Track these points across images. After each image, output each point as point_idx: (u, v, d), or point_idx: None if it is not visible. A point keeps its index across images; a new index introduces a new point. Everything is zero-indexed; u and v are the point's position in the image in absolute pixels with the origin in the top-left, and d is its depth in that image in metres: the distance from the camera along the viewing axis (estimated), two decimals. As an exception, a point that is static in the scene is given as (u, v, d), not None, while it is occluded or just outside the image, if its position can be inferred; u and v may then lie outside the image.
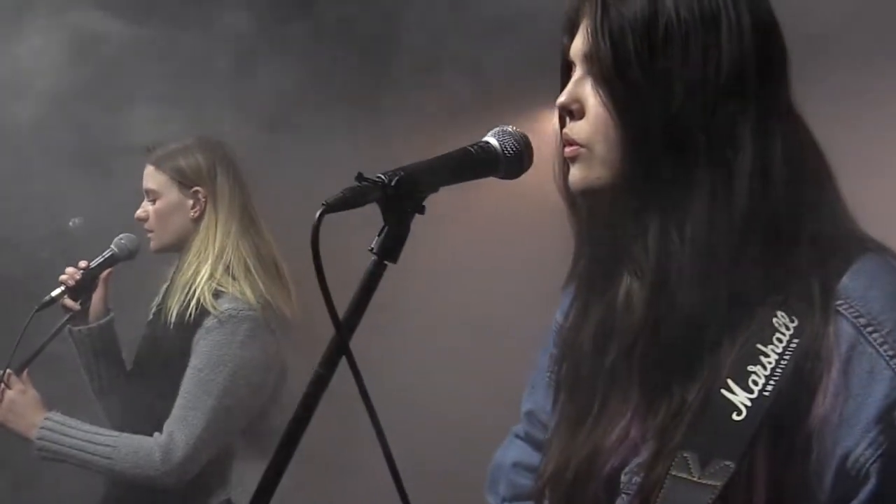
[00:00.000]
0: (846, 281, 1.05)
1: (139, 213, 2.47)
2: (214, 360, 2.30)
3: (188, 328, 2.34)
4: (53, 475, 2.50)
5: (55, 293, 2.45)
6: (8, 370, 2.37)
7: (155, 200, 2.45)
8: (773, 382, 1.03)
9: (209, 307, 2.32)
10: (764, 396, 1.03)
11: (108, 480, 2.41)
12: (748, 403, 1.03)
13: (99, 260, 2.49)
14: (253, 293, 2.36)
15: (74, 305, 2.47)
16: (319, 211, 0.98)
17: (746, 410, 1.03)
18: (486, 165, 1.12)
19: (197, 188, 2.43)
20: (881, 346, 1.02)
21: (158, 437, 2.29)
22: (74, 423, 2.34)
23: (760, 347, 1.05)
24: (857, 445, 1.01)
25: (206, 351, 2.31)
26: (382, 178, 1.03)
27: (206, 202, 2.43)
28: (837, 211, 1.12)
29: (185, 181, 2.43)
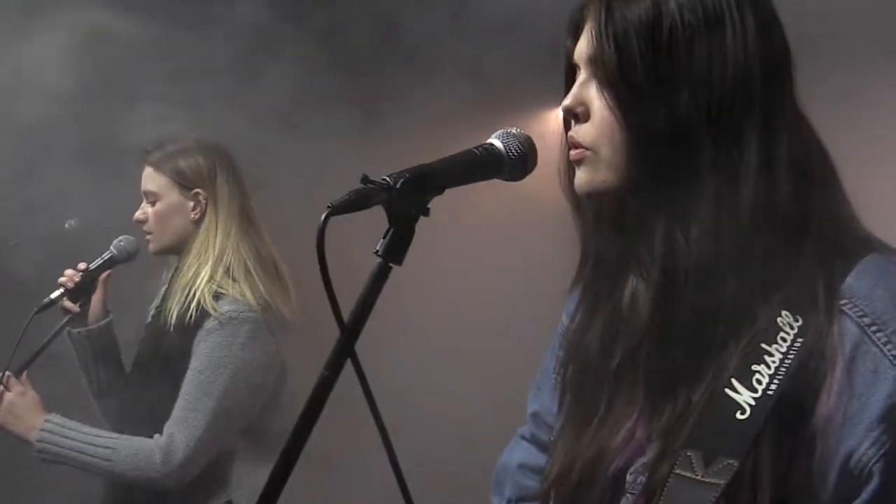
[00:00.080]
0: (851, 281, 1.06)
1: (138, 214, 2.45)
2: (215, 361, 2.30)
3: (188, 330, 2.34)
4: (53, 477, 2.49)
5: (54, 295, 2.44)
6: (7, 372, 2.36)
7: (154, 202, 2.43)
8: (777, 381, 1.04)
9: (209, 309, 2.32)
10: (768, 395, 1.03)
11: (107, 482, 2.40)
12: (752, 402, 1.04)
13: (98, 262, 2.48)
14: (253, 295, 2.35)
15: (73, 307, 2.46)
16: (325, 214, 0.97)
17: (750, 409, 1.03)
18: (490, 167, 1.12)
19: (198, 190, 2.42)
20: (885, 345, 1.02)
21: (158, 438, 2.28)
22: (74, 425, 2.33)
23: (765, 347, 1.05)
24: (860, 445, 1.01)
25: (206, 353, 2.31)
26: (388, 180, 1.02)
27: (206, 204, 2.42)
28: (842, 211, 1.12)
29: (185, 183, 2.42)
